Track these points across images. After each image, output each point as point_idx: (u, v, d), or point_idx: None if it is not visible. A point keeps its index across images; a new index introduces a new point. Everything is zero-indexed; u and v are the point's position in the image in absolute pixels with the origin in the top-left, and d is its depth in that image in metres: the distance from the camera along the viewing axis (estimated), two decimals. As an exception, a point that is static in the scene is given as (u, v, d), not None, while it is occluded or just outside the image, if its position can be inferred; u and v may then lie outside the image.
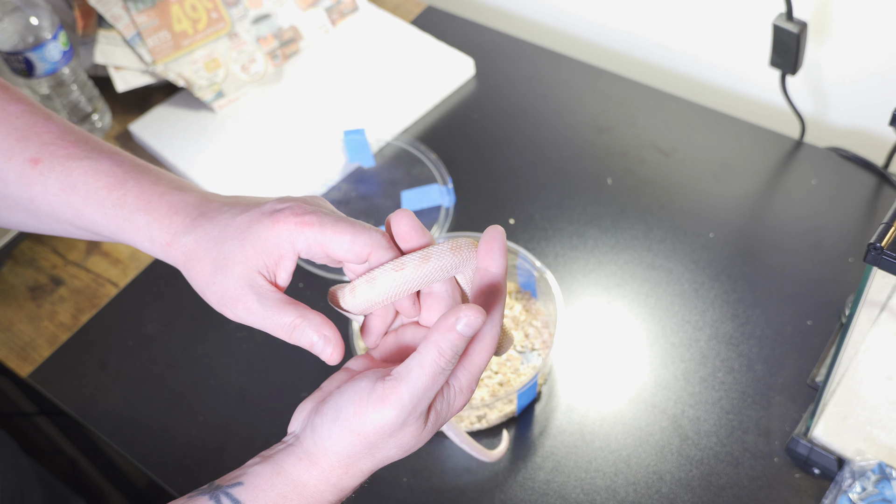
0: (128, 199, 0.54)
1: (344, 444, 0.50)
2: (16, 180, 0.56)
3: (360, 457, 0.50)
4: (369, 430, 0.49)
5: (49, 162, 0.56)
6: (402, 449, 0.51)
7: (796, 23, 0.97)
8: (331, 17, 1.21)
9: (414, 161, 1.07)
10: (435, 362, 0.47)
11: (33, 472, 0.95)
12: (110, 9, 1.10)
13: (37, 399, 1.23)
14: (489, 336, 0.51)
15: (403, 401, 0.48)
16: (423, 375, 0.47)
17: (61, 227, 0.58)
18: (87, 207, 0.55)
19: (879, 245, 0.59)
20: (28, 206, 0.57)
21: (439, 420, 0.51)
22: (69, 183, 0.55)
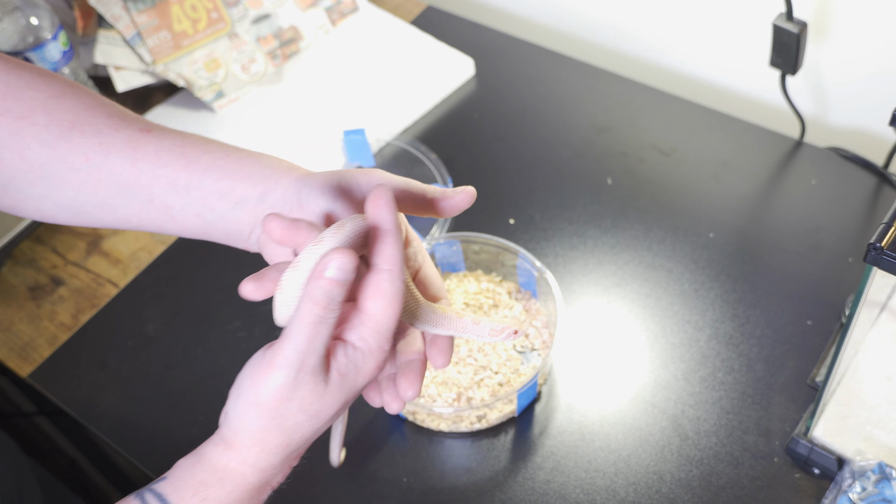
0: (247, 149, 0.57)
1: (250, 418, 0.50)
2: (121, 147, 0.56)
3: (268, 429, 0.50)
4: (266, 397, 0.48)
5: (162, 129, 0.57)
6: (308, 413, 0.50)
7: (796, 23, 0.97)
8: (331, 17, 1.21)
9: (414, 161, 1.07)
10: (311, 311, 0.46)
11: (33, 473, 0.95)
12: (110, 9, 1.10)
13: (37, 399, 1.23)
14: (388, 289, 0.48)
15: (289, 358, 0.47)
16: (302, 328, 0.46)
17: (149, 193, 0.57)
18: (206, 154, 0.56)
19: (879, 245, 0.59)
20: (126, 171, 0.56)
21: (347, 381, 0.50)
22: (186, 141, 0.56)
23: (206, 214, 0.57)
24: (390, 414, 0.87)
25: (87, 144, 0.56)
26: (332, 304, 0.46)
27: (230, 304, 0.97)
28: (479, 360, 0.87)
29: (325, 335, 0.47)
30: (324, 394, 0.49)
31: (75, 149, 0.56)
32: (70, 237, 1.05)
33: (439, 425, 0.85)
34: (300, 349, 0.47)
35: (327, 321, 0.47)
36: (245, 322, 0.95)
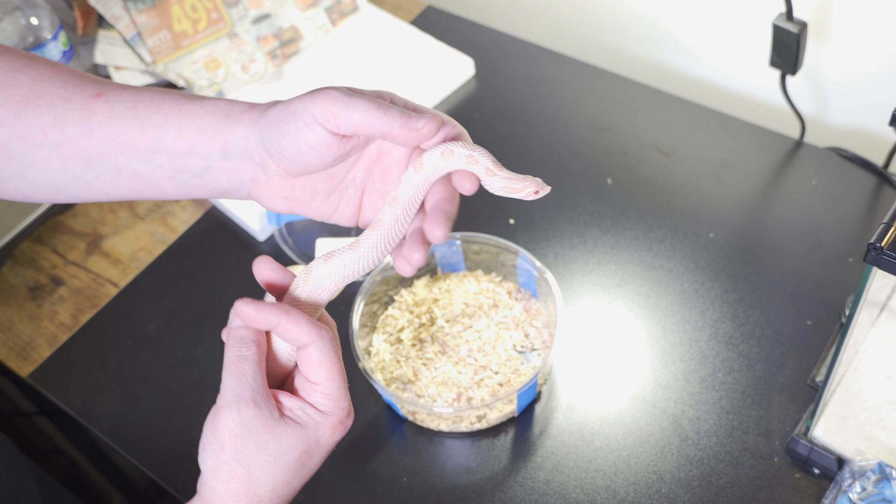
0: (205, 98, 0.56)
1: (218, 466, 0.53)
2: (76, 118, 0.55)
3: (235, 475, 0.53)
4: (224, 438, 0.52)
5: (114, 92, 0.56)
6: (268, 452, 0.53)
7: (796, 23, 0.97)
8: (331, 18, 1.21)
9: (414, 161, 1.07)
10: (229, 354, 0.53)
11: (31, 474, 0.95)
12: (110, 9, 1.10)
13: (37, 399, 1.23)
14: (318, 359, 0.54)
15: (227, 397, 0.52)
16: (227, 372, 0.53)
17: (115, 164, 0.56)
18: (159, 113, 0.55)
19: (879, 245, 0.59)
20: (85, 144, 0.56)
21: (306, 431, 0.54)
22: (140, 100, 0.55)
23: (179, 177, 0.56)
24: (392, 416, 0.87)
25: (43, 119, 0.55)
26: (244, 342, 0.53)
27: (230, 304, 0.97)
28: (479, 360, 0.87)
29: (250, 370, 0.53)
30: (279, 433, 0.53)
31: (32, 125, 0.55)
32: (70, 237, 1.05)
33: (439, 425, 0.85)
34: (232, 387, 0.52)
35: (246, 358, 0.53)
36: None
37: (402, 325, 0.90)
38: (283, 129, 0.51)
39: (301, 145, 0.51)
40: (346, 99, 0.50)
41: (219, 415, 0.52)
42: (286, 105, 0.52)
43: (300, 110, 0.51)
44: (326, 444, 0.55)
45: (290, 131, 0.51)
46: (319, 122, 0.50)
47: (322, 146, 0.51)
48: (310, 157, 0.52)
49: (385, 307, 0.93)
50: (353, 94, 0.51)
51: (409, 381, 0.86)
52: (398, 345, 0.89)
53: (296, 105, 0.51)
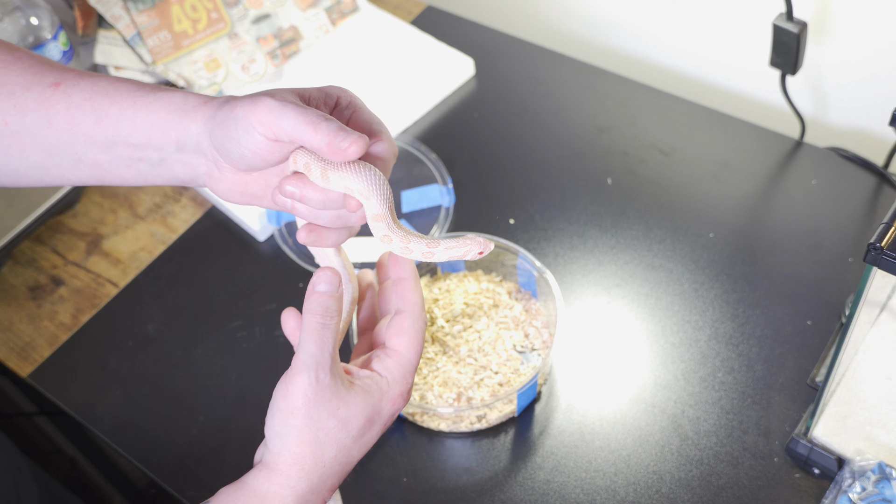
0: (159, 88, 0.56)
1: (287, 431, 0.53)
2: (34, 107, 0.56)
3: (304, 440, 0.53)
4: (297, 402, 0.53)
5: (72, 81, 0.57)
6: (337, 419, 0.54)
7: (796, 23, 0.97)
8: (331, 18, 1.21)
9: (414, 161, 1.07)
10: (311, 322, 0.54)
11: (31, 474, 0.95)
12: (110, 9, 1.10)
13: (37, 399, 1.23)
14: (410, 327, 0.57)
15: (305, 362, 0.53)
16: (308, 336, 0.53)
17: (74, 153, 0.57)
18: (114, 105, 0.56)
19: (879, 245, 0.59)
20: (44, 133, 0.57)
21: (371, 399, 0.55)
22: (96, 90, 0.56)
23: (138, 166, 0.57)
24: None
25: (3, 108, 0.56)
26: (328, 312, 0.54)
27: (230, 304, 0.97)
28: (479, 360, 0.87)
29: (331, 339, 0.54)
30: (348, 400, 0.54)
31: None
32: (70, 237, 1.05)
33: (439, 425, 0.85)
34: (312, 352, 0.53)
35: (329, 327, 0.54)
36: (245, 322, 0.95)
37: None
38: (227, 133, 0.52)
39: (243, 150, 0.53)
40: (280, 110, 0.51)
41: (294, 379, 0.53)
42: (232, 107, 0.52)
43: (240, 117, 0.52)
44: (386, 415, 0.56)
45: (232, 136, 0.52)
46: (257, 130, 0.51)
47: (263, 150, 0.52)
48: (253, 159, 0.53)
49: (385, 307, 0.93)
50: (287, 105, 0.51)
51: (409, 381, 0.86)
52: (398, 345, 0.89)
53: (238, 111, 0.52)
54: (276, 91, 0.53)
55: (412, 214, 1.03)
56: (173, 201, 1.07)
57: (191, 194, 1.08)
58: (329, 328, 0.54)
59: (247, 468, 0.57)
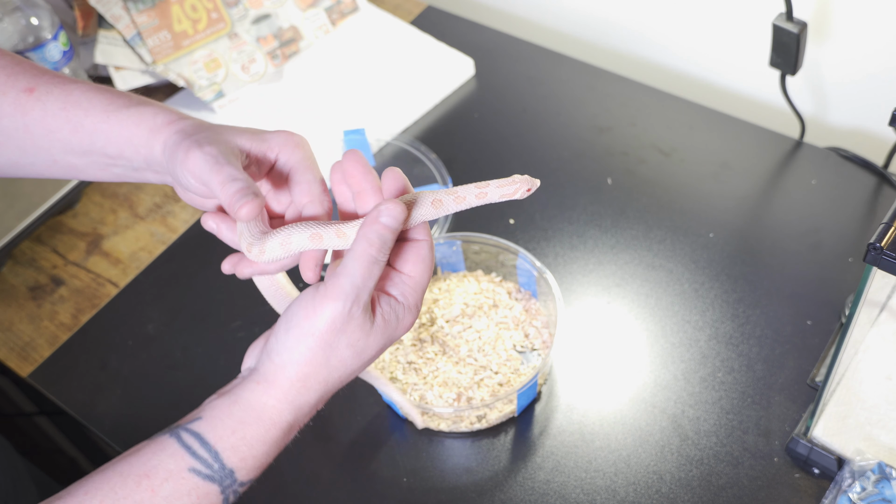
0: (132, 101, 0.58)
1: (301, 350, 0.53)
2: (10, 112, 0.58)
3: (315, 362, 0.53)
4: (321, 327, 0.52)
5: (45, 88, 0.59)
6: (354, 349, 0.53)
7: (796, 23, 0.97)
8: (331, 18, 1.21)
9: (414, 161, 1.07)
10: (366, 251, 0.52)
11: (28, 474, 0.95)
12: (110, 9, 1.10)
13: (37, 399, 1.23)
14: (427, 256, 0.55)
15: (346, 290, 0.51)
16: (358, 265, 0.52)
17: (50, 156, 0.60)
18: (88, 118, 0.58)
19: (879, 245, 0.59)
20: (20, 136, 0.59)
21: (388, 329, 0.54)
22: (70, 101, 0.58)
23: (112, 170, 0.60)
24: (392, 416, 0.87)
25: None
26: (385, 247, 0.52)
27: (230, 304, 0.97)
28: (479, 360, 0.87)
29: (376, 275, 0.52)
30: (370, 333, 0.54)
31: None
32: (70, 237, 1.05)
33: (439, 425, 0.85)
34: (356, 283, 0.52)
35: (379, 262, 0.52)
36: (245, 322, 0.95)
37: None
38: (172, 169, 0.56)
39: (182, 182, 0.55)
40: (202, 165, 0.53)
41: (326, 302, 0.52)
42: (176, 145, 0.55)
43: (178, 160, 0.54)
44: (397, 339, 0.57)
45: (174, 172, 0.55)
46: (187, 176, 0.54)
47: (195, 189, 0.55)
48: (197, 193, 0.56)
49: (385, 307, 0.93)
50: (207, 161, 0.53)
51: (409, 382, 0.86)
52: (398, 345, 0.89)
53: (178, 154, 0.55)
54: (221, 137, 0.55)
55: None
56: (173, 201, 1.07)
57: (191, 194, 1.08)
58: (379, 264, 0.52)
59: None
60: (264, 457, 0.54)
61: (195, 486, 0.52)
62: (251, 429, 0.53)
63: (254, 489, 0.86)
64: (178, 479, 0.52)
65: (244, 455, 0.53)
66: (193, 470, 0.52)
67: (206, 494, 0.52)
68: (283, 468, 0.84)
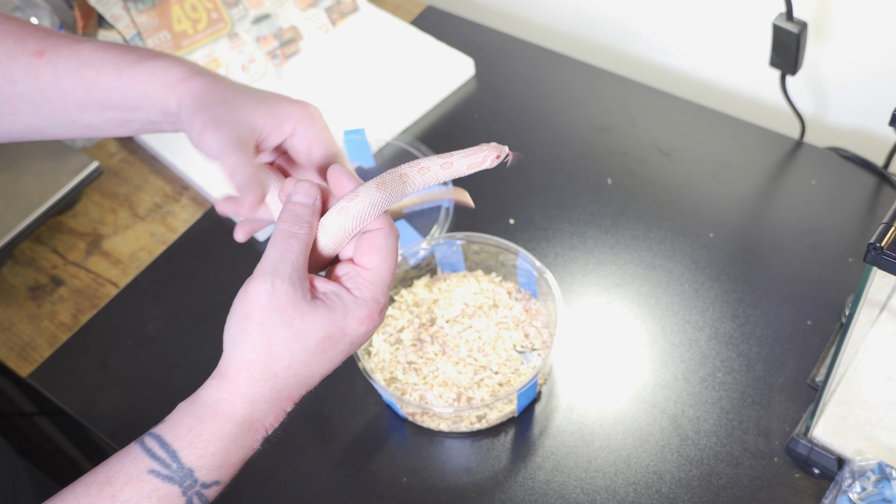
0: (142, 55, 0.59)
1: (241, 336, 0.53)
2: (23, 77, 0.59)
3: (256, 348, 0.53)
4: (250, 307, 0.52)
5: (55, 50, 0.59)
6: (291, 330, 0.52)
7: (796, 23, 0.97)
8: (331, 18, 1.21)
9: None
10: (279, 228, 0.54)
11: (27, 474, 0.95)
12: (110, 9, 1.10)
13: (37, 399, 1.23)
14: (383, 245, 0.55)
15: (265, 267, 0.53)
16: (273, 242, 0.53)
17: (68, 117, 0.60)
18: (101, 77, 0.59)
19: (879, 245, 0.59)
20: (36, 100, 0.59)
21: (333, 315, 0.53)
22: (80, 61, 0.59)
23: (130, 125, 0.61)
24: (392, 416, 0.87)
25: None
26: (299, 221, 0.54)
27: (230, 304, 0.97)
28: (479, 360, 0.87)
29: (297, 248, 0.53)
30: (306, 313, 0.53)
31: None
32: (70, 237, 1.05)
33: (439, 425, 0.85)
34: (273, 258, 0.53)
35: (297, 236, 0.53)
36: (245, 322, 0.95)
37: (402, 325, 0.90)
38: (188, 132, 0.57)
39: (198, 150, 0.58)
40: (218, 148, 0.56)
41: (252, 283, 0.53)
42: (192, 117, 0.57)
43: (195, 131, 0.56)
44: (352, 335, 0.54)
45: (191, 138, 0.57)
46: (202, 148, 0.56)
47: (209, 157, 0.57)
48: None
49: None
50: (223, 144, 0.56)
51: (409, 382, 0.86)
52: (398, 345, 0.89)
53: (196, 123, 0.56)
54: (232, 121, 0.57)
55: (412, 214, 1.03)
56: (173, 201, 1.07)
57: (191, 194, 1.08)
58: (297, 237, 0.53)
59: (247, 468, 0.57)
60: (223, 454, 0.53)
61: (155, 488, 0.51)
62: (206, 424, 0.53)
63: (254, 489, 0.87)
64: (137, 483, 0.51)
65: (201, 452, 0.52)
66: (152, 472, 0.52)
67: (167, 496, 0.52)
68: (283, 468, 0.84)
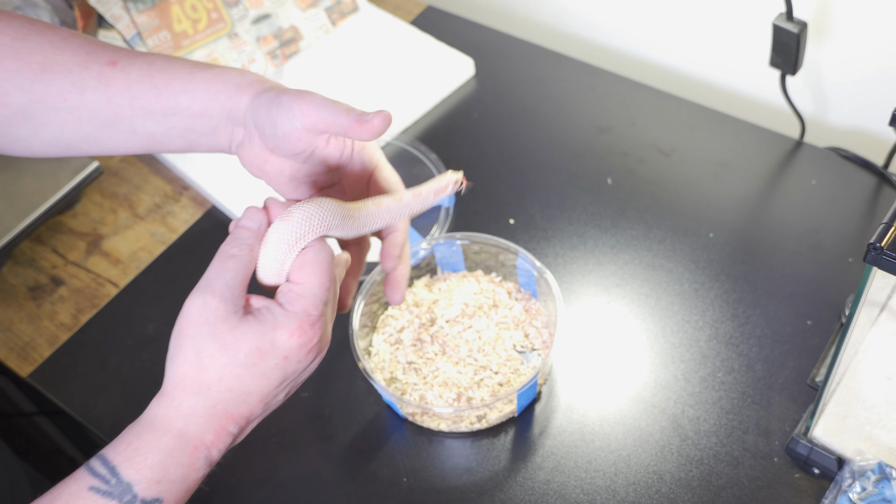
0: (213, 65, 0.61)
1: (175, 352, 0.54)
2: (94, 85, 0.60)
3: (188, 361, 0.54)
4: (182, 323, 0.54)
5: (128, 59, 0.60)
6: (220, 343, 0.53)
7: (796, 23, 0.97)
8: (331, 18, 1.21)
9: (414, 161, 1.07)
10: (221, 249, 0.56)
11: (26, 477, 0.95)
12: (110, 9, 1.10)
13: (37, 399, 1.23)
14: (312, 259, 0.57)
15: (200, 285, 0.55)
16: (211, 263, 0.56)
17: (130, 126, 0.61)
18: (174, 80, 0.60)
19: (879, 245, 0.59)
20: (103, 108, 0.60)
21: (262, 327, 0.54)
22: (153, 68, 0.60)
23: (188, 136, 0.62)
24: (392, 416, 0.87)
25: (61, 85, 0.59)
26: (237, 242, 0.56)
27: (230, 304, 0.97)
28: (479, 360, 0.87)
29: (233, 267, 0.55)
30: (235, 326, 0.54)
31: (51, 90, 0.59)
32: (70, 237, 1.05)
33: (439, 425, 0.85)
34: (209, 277, 0.55)
35: (235, 257, 0.55)
36: (245, 322, 0.95)
37: (402, 325, 0.90)
38: (268, 114, 0.58)
39: (278, 131, 0.58)
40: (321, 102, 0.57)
41: (186, 301, 0.55)
42: (278, 94, 0.58)
43: (284, 103, 0.57)
44: (283, 347, 0.55)
45: (272, 117, 0.57)
46: (297, 117, 0.57)
47: (294, 137, 0.58)
48: (282, 142, 0.58)
49: (385, 307, 0.93)
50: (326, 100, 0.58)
51: (409, 382, 0.86)
52: (398, 345, 0.89)
53: (283, 98, 0.57)
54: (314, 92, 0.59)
55: (412, 214, 1.03)
56: (173, 201, 1.07)
57: (191, 194, 1.08)
58: (235, 258, 0.55)
59: (246, 468, 0.57)
60: (160, 468, 0.53)
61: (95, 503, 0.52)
62: (144, 438, 0.54)
63: (254, 489, 0.87)
64: (77, 500, 0.52)
65: (139, 466, 0.53)
66: (93, 488, 0.52)
67: None
68: (283, 468, 0.84)
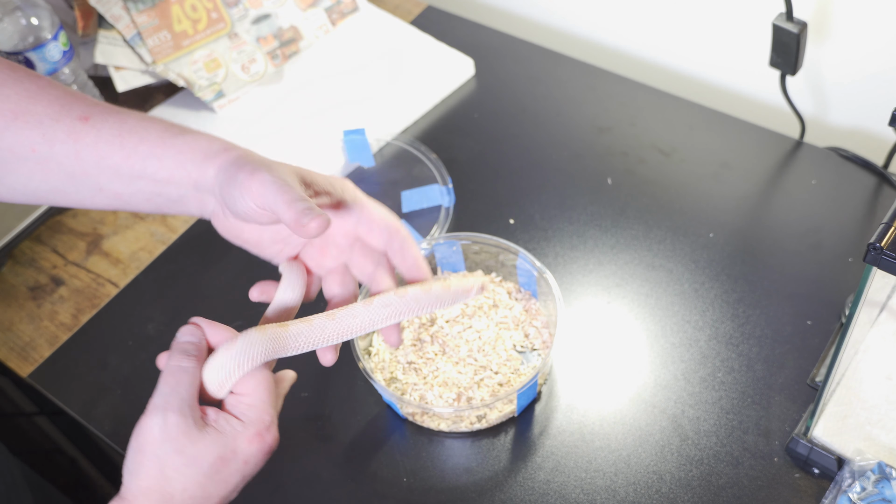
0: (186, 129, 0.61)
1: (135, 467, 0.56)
2: (63, 138, 0.59)
3: (150, 475, 0.56)
4: (144, 441, 0.56)
5: (100, 116, 0.60)
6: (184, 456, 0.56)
7: (796, 23, 0.97)
8: (331, 17, 1.21)
9: (414, 161, 1.07)
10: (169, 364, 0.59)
11: (24, 480, 0.95)
12: (110, 9, 1.10)
13: (37, 399, 1.23)
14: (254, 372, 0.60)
15: (156, 402, 0.57)
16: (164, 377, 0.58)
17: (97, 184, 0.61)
18: (143, 144, 0.60)
19: (879, 245, 0.59)
20: (70, 162, 0.60)
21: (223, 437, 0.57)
22: (124, 128, 0.60)
23: (155, 200, 0.62)
24: (392, 416, 0.87)
25: (31, 136, 0.59)
26: (184, 356, 0.59)
27: (230, 304, 0.97)
28: (479, 360, 0.87)
29: (186, 381, 0.58)
30: (197, 439, 0.56)
31: (20, 140, 0.59)
32: (70, 237, 1.05)
33: (439, 425, 0.85)
34: (164, 394, 0.57)
35: (185, 370, 0.58)
36: (245, 322, 0.95)
37: (402, 325, 0.90)
38: (228, 191, 0.58)
39: (238, 209, 0.58)
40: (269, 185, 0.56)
41: (144, 419, 0.56)
42: (238, 169, 0.58)
43: (240, 180, 0.57)
44: (244, 454, 0.58)
45: (232, 195, 0.58)
46: (248, 196, 0.57)
47: (253, 213, 0.58)
48: (246, 216, 0.59)
49: (385, 307, 0.93)
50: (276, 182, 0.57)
51: (409, 382, 0.86)
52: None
53: (239, 175, 0.57)
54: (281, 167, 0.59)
55: (412, 214, 1.03)
56: (173, 201, 1.07)
57: (191, 194, 1.08)
58: (185, 371, 0.58)
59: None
60: None
61: None
62: None
63: (254, 489, 0.87)
64: None
65: None
66: None
67: None
68: (283, 468, 0.84)
